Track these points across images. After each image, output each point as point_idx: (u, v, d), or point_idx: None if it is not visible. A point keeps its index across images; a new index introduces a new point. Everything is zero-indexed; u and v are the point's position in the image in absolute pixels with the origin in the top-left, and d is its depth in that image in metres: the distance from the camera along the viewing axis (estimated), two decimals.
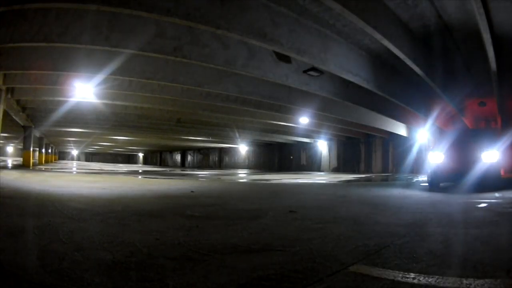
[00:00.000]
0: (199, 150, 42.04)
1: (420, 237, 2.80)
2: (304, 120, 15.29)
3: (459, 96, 9.78)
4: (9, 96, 11.66)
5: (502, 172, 6.72)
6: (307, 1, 5.78)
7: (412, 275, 1.83)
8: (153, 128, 21.01)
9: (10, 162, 27.32)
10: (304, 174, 20.14)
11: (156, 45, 6.45)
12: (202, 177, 13.85)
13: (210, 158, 40.81)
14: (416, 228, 3.15)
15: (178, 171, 23.53)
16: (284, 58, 7.89)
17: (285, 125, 17.87)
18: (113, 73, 8.04)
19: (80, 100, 12.12)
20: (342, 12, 5.01)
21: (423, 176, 13.14)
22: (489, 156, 6.76)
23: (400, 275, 1.84)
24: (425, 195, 6.41)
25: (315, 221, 3.51)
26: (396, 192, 7.00)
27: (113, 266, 1.97)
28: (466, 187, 6.39)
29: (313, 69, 8.11)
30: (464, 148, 7.42)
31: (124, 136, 27.73)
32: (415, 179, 12.59)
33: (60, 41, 6.13)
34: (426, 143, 17.26)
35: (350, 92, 10.11)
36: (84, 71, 8.34)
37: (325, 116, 14.50)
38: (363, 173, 20.99)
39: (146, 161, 59.08)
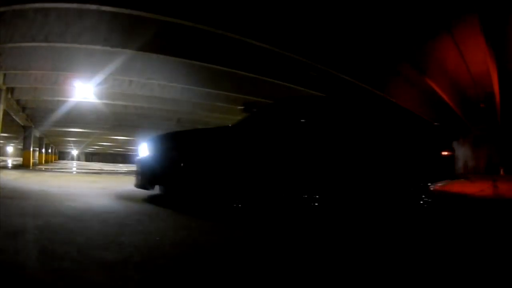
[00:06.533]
0: None
1: None
2: None
3: None
4: (9, 96, 11.67)
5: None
6: None
7: None
8: (153, 128, 21.00)
9: (10, 162, 27.31)
10: None
11: (156, 45, 6.46)
12: None
13: None
14: None
15: None
16: None
17: None
18: (113, 73, 8.06)
19: (80, 100, 12.14)
20: None
21: None
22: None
23: None
24: None
25: None
26: None
27: (113, 266, 1.96)
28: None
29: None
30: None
31: (124, 136, 27.73)
32: None
33: (60, 41, 6.15)
34: None
35: None
36: (84, 71, 8.36)
37: None
38: None
39: None
